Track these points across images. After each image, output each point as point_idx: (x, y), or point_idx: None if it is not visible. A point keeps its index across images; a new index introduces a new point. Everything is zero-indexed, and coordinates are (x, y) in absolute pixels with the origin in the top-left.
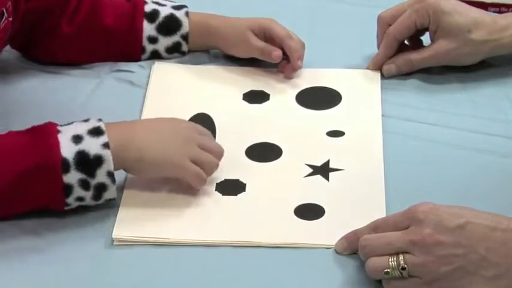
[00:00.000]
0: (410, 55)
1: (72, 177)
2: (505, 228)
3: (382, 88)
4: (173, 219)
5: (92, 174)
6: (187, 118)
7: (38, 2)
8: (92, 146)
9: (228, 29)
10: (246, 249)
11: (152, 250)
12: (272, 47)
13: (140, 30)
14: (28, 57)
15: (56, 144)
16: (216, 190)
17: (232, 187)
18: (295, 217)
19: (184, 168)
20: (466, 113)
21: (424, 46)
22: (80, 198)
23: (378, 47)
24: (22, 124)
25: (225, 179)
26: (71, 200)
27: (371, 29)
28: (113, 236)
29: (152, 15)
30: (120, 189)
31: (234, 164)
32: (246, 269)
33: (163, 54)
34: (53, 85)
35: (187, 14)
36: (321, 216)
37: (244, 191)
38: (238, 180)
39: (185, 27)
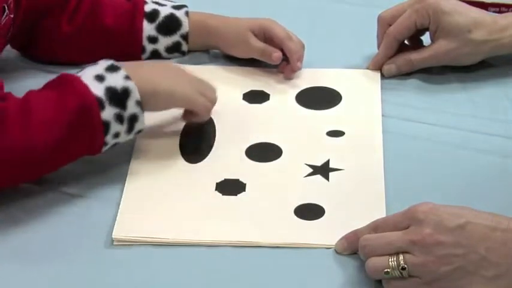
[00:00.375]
0: (410, 55)
1: (108, 113)
2: (505, 228)
3: (382, 88)
4: (173, 219)
5: (123, 106)
6: None
7: (39, 1)
8: (116, 80)
9: (228, 29)
10: (246, 249)
11: (152, 250)
12: (272, 48)
13: (140, 30)
14: (28, 56)
15: (85, 87)
16: (216, 190)
17: (232, 187)
18: (295, 217)
19: (196, 101)
20: (466, 113)
21: (424, 46)
22: (116, 134)
23: (378, 47)
24: None
25: (225, 179)
26: (109, 138)
27: (371, 29)
28: (113, 236)
29: (152, 15)
30: (120, 189)
31: (234, 164)
32: (246, 269)
33: (163, 54)
34: None
35: (187, 13)
36: (321, 216)
37: (244, 191)
38: (238, 180)
39: (185, 27)
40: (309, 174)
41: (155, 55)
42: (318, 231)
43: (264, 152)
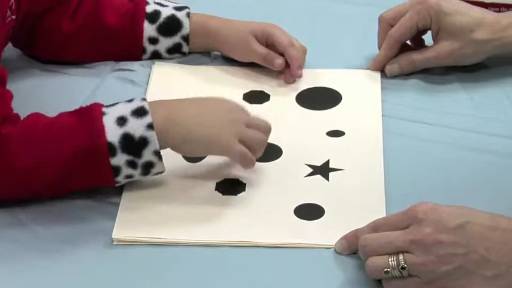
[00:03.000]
0: (413, 55)
1: (119, 159)
2: (505, 228)
3: (382, 88)
4: (173, 220)
5: (138, 154)
6: None
7: (39, 1)
8: (137, 127)
9: (230, 31)
10: (246, 249)
11: (152, 250)
12: (275, 54)
13: (141, 30)
14: (30, 55)
15: (102, 129)
16: (216, 190)
17: (232, 187)
18: (295, 217)
19: (231, 148)
20: (466, 113)
21: (426, 46)
22: (129, 176)
23: (379, 47)
24: None
25: (225, 179)
26: (120, 178)
27: (372, 30)
28: (113, 236)
29: (153, 16)
30: (120, 189)
31: (234, 164)
32: (246, 269)
33: (164, 54)
34: (54, 84)
35: (188, 15)
36: (321, 216)
37: (244, 191)
38: (238, 180)
39: (186, 29)
40: (309, 174)
41: (156, 56)
42: (317, 231)
43: (264, 152)
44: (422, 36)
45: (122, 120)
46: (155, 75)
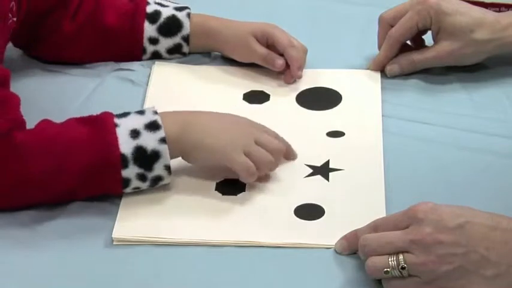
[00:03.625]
0: (413, 55)
1: (131, 171)
2: (505, 227)
3: (382, 88)
4: (173, 220)
5: (149, 168)
6: None
7: (40, 1)
8: (149, 141)
9: (230, 32)
10: (246, 249)
11: (152, 250)
12: (275, 55)
13: (141, 30)
14: (30, 55)
15: (115, 140)
16: (216, 190)
17: (232, 187)
18: (295, 217)
19: (234, 159)
20: (466, 113)
21: (426, 46)
22: (137, 188)
23: (379, 47)
24: None
25: (225, 179)
26: (128, 190)
27: (372, 30)
28: (113, 236)
29: (154, 16)
30: None
31: None
32: (246, 269)
33: (164, 55)
34: (54, 84)
35: (189, 15)
36: (321, 216)
37: (244, 191)
38: (238, 180)
39: (186, 29)
40: (309, 175)
41: (156, 56)
42: (317, 231)
43: None
44: (423, 36)
45: (135, 133)
46: (155, 75)
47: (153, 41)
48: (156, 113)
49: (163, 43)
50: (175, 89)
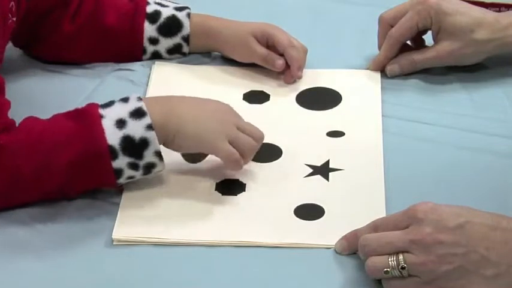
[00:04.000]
0: (413, 55)
1: (121, 162)
2: (505, 227)
3: (382, 88)
4: (173, 220)
5: (139, 156)
6: None
7: (40, 1)
8: (136, 129)
9: (230, 32)
10: (246, 249)
11: (152, 250)
12: (275, 55)
13: (141, 30)
14: (30, 55)
15: (101, 132)
16: (216, 190)
17: (232, 187)
18: (295, 217)
19: (219, 147)
20: (466, 113)
21: (427, 46)
22: (131, 177)
23: (379, 47)
24: None
25: (225, 179)
26: (122, 180)
27: (372, 30)
28: (113, 236)
29: (154, 16)
30: (120, 189)
31: None
32: (246, 269)
33: (164, 55)
34: (54, 84)
35: (189, 15)
36: (321, 216)
37: (244, 191)
38: (238, 180)
39: (186, 29)
40: (309, 175)
41: (156, 56)
42: (317, 231)
43: (264, 152)
44: (423, 36)
45: (121, 123)
46: (155, 75)
47: (153, 41)
48: (140, 99)
49: (163, 43)
50: (175, 89)
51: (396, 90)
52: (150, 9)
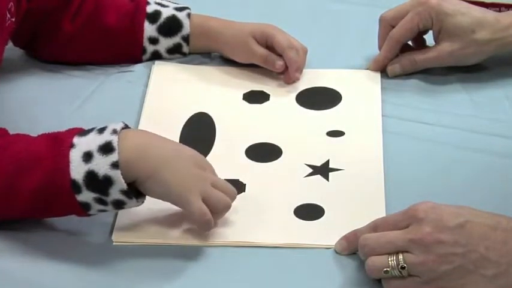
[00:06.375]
0: (414, 56)
1: (86, 196)
2: (505, 227)
3: (382, 88)
4: (172, 220)
5: (105, 193)
6: (187, 118)
7: (40, 2)
8: (101, 165)
9: (230, 33)
10: (246, 249)
11: (152, 250)
12: (275, 56)
13: (141, 30)
14: (31, 55)
15: (66, 164)
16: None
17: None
18: (295, 217)
19: (191, 203)
20: (466, 113)
21: (427, 46)
22: (102, 210)
23: (379, 48)
24: (23, 123)
25: (225, 179)
26: (94, 212)
27: (372, 30)
28: (113, 238)
29: (154, 16)
30: None
31: (234, 164)
32: (246, 270)
33: (164, 55)
34: (54, 84)
35: (189, 15)
36: (321, 216)
37: (244, 191)
38: (238, 180)
39: (186, 29)
40: (309, 174)
41: (156, 56)
42: (317, 231)
43: (264, 152)
44: (424, 36)
45: (88, 156)
46: (155, 75)
47: (153, 40)
48: (115, 132)
49: (163, 43)
50: (175, 89)
51: (396, 90)
52: (150, 9)
